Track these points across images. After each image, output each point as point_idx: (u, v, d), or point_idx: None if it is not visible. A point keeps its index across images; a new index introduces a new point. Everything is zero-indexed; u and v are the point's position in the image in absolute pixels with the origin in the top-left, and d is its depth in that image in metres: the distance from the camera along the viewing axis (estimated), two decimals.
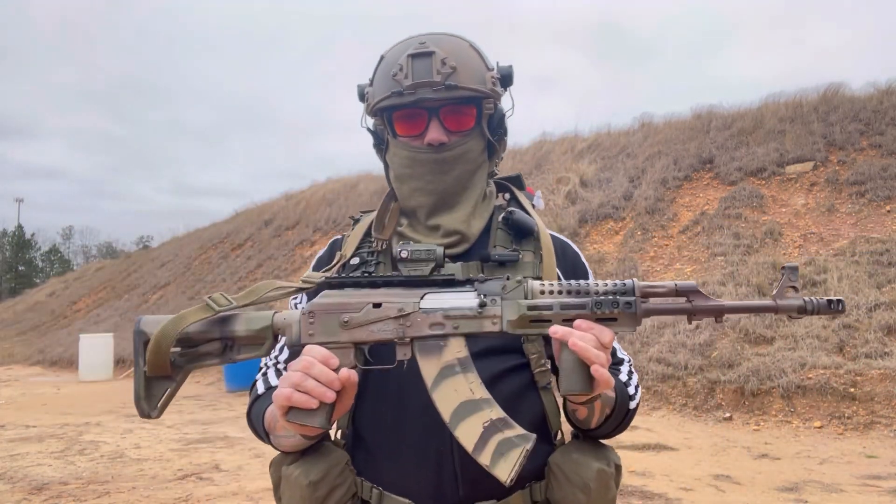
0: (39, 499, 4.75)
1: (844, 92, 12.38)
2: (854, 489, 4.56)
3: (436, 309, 0.90)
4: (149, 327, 0.97)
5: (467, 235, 1.11)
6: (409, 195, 1.12)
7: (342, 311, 0.92)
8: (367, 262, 1.11)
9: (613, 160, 13.93)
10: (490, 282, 0.91)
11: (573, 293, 0.89)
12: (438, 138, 1.06)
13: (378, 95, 1.08)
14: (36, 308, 28.90)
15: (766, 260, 9.12)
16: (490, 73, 1.09)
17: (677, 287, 0.89)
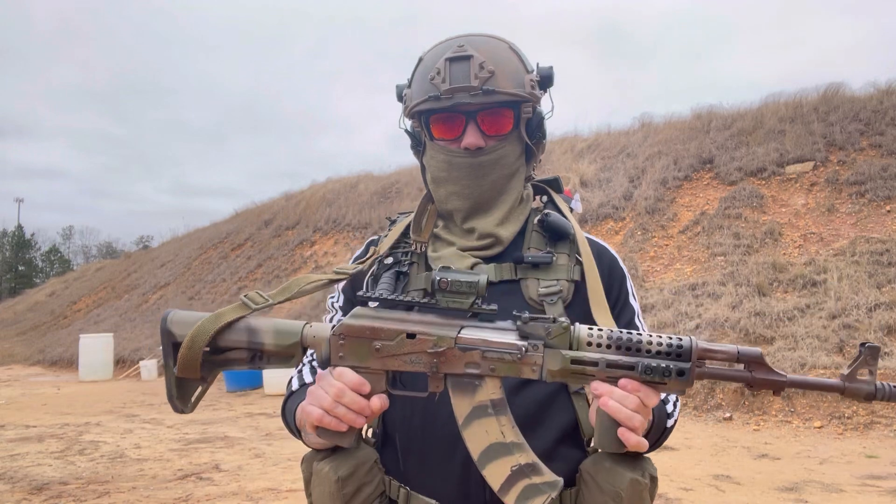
0: (39, 499, 4.75)
1: (844, 92, 12.38)
2: (854, 489, 4.56)
3: (473, 348, 0.86)
4: (177, 327, 0.94)
5: (501, 239, 1.10)
6: (446, 198, 1.12)
7: (374, 338, 0.89)
8: (401, 262, 1.11)
9: (613, 160, 13.93)
10: (534, 322, 0.86)
11: (623, 349, 0.83)
12: (475, 143, 1.06)
13: (416, 98, 1.07)
14: (36, 308, 28.91)
15: (766, 260, 9.12)
16: (529, 75, 1.08)
17: (739, 354, 0.83)
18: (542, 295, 1.06)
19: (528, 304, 1.06)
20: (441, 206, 1.14)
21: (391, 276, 1.09)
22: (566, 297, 1.07)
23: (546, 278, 1.08)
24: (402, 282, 1.09)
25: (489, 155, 1.07)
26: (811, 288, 8.25)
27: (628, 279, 1.20)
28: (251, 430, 7.31)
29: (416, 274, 1.10)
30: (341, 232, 17.18)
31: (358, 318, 0.91)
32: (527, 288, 1.07)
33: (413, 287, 1.09)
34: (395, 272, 1.09)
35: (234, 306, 0.96)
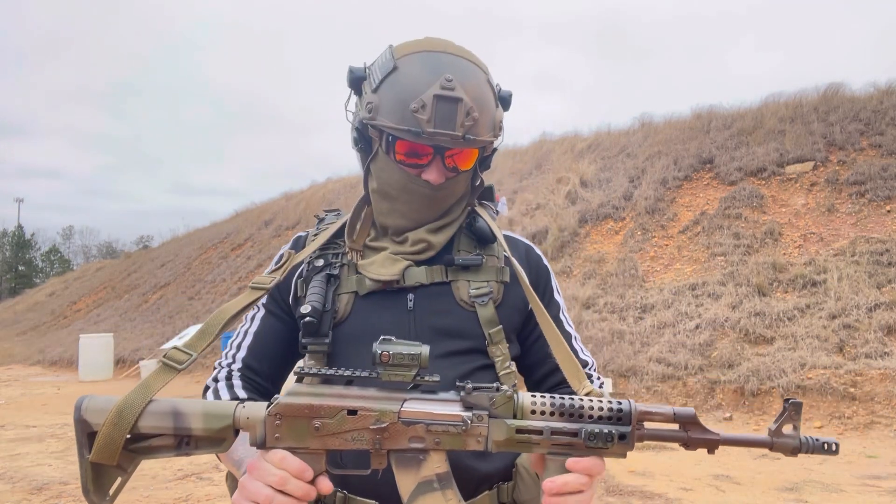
0: (39, 499, 4.75)
1: (844, 92, 12.39)
2: (854, 489, 4.56)
3: (417, 421, 0.83)
4: (92, 415, 0.84)
5: (433, 244, 1.10)
6: (388, 213, 1.11)
7: (313, 416, 0.84)
8: (332, 265, 1.10)
9: (613, 160, 13.93)
10: (478, 392, 0.84)
11: (566, 415, 0.84)
12: (437, 179, 1.05)
13: (389, 119, 1.01)
14: (36, 308, 28.91)
15: (766, 260, 9.12)
16: (498, 112, 1.09)
17: (675, 414, 0.85)
18: (473, 296, 1.07)
19: (459, 305, 1.07)
20: (380, 218, 1.13)
21: (322, 280, 1.07)
22: (496, 297, 1.09)
23: (476, 280, 1.09)
24: (333, 284, 1.08)
25: (446, 189, 1.07)
26: (811, 288, 8.25)
27: (552, 275, 1.23)
28: None
29: (347, 276, 1.09)
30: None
31: (296, 396, 0.85)
32: (458, 290, 1.08)
33: (343, 290, 1.08)
34: (326, 275, 1.08)
35: (158, 371, 0.90)
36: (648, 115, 15.06)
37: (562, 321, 1.20)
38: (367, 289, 1.07)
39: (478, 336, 1.07)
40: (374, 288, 1.07)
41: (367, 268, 1.09)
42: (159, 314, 19.04)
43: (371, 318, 1.06)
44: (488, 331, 1.07)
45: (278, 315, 1.14)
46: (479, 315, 1.07)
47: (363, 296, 1.07)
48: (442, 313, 1.07)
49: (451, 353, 1.04)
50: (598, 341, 8.72)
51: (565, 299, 9.73)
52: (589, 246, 11.63)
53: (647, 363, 7.94)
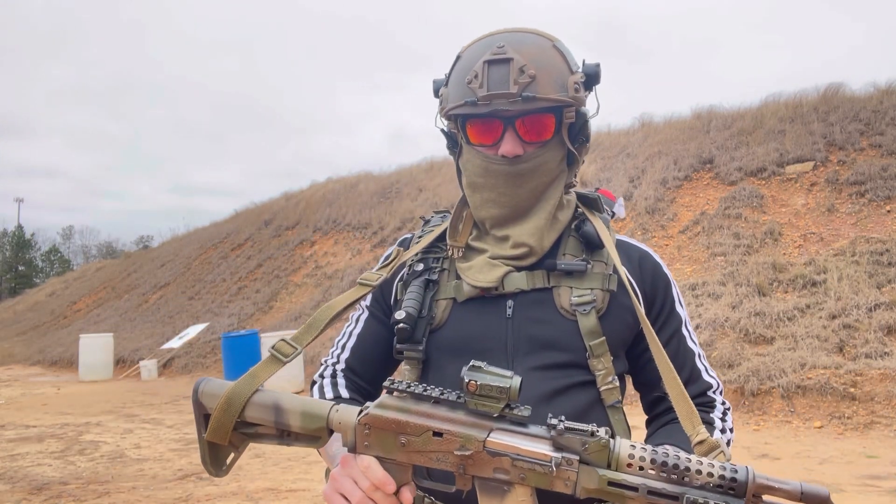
0: (39, 499, 4.75)
1: (844, 92, 12.39)
2: (854, 489, 4.57)
3: (503, 454, 0.80)
4: (206, 399, 0.92)
5: (536, 249, 1.05)
6: (481, 205, 1.07)
7: (400, 432, 0.84)
8: (432, 269, 1.08)
9: (613, 160, 13.93)
10: (570, 434, 0.78)
11: (668, 473, 0.74)
12: (513, 151, 1.00)
13: (452, 101, 1.03)
14: (36, 308, 28.91)
15: (766, 260, 9.12)
16: (574, 76, 1.02)
17: (803, 493, 0.72)
18: (575, 304, 1.02)
19: (560, 314, 1.02)
20: (475, 213, 1.09)
21: (420, 284, 1.06)
22: (600, 307, 1.03)
23: (580, 287, 1.03)
24: (431, 290, 1.06)
25: (528, 163, 1.02)
26: (811, 288, 8.25)
27: (674, 285, 1.14)
28: None
29: (446, 283, 1.07)
30: (341, 232, 17.18)
31: (384, 409, 0.85)
32: (559, 296, 1.03)
33: (442, 296, 1.06)
34: (425, 280, 1.07)
35: (266, 361, 0.94)
36: (648, 115, 15.07)
37: (684, 336, 1.12)
38: (466, 295, 1.04)
39: (578, 348, 1.01)
40: (473, 294, 1.04)
41: (465, 272, 1.05)
42: (159, 314, 19.04)
43: (468, 326, 1.03)
44: (589, 342, 1.01)
45: (380, 318, 1.15)
46: (581, 324, 1.01)
47: (461, 302, 1.05)
48: (541, 322, 1.02)
49: (548, 366, 0.99)
50: None
51: None
52: None
53: None
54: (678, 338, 1.11)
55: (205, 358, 13.91)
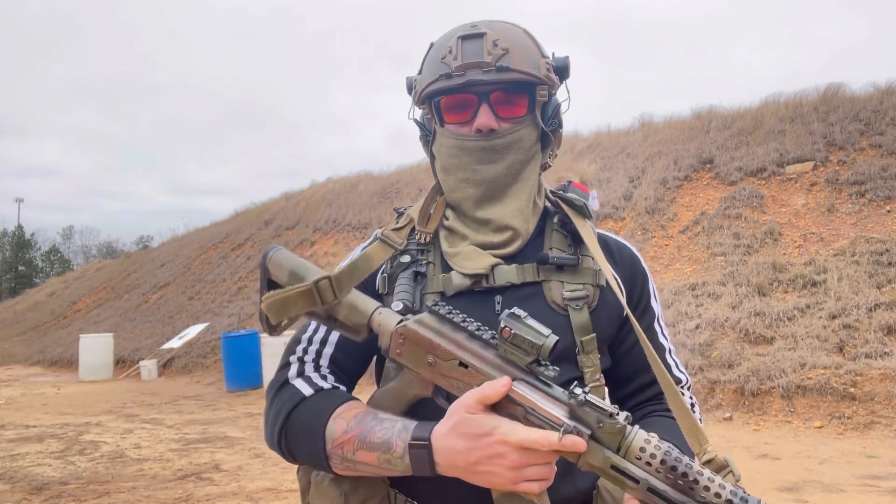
0: (39, 499, 4.75)
1: (844, 92, 12.39)
2: (854, 489, 4.56)
3: (519, 404, 0.81)
4: (275, 269, 0.97)
5: (520, 232, 1.03)
6: (456, 186, 1.05)
7: (430, 352, 0.87)
8: (418, 262, 1.04)
9: (613, 160, 13.93)
10: (589, 408, 0.77)
11: (675, 478, 0.72)
12: (488, 124, 1.00)
13: (426, 80, 1.03)
14: (36, 308, 28.90)
15: (766, 260, 9.12)
16: (545, 59, 1.04)
17: None
18: (568, 299, 1.00)
19: (551, 308, 1.00)
20: (451, 196, 1.07)
21: (409, 277, 1.02)
22: (592, 302, 1.01)
23: (571, 281, 1.02)
24: (420, 283, 1.02)
25: (503, 138, 1.01)
26: (811, 288, 8.25)
27: (650, 279, 1.14)
28: (251, 430, 7.31)
29: (433, 275, 1.03)
30: (341, 232, 17.17)
31: (422, 325, 0.88)
32: (550, 291, 1.01)
33: (430, 289, 1.01)
34: (413, 272, 1.02)
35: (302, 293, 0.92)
36: (648, 115, 15.07)
37: (657, 331, 1.12)
38: (455, 289, 1.00)
39: (569, 343, 0.99)
40: (462, 288, 1.00)
41: (452, 258, 1.02)
42: (159, 314, 19.04)
43: None
44: (580, 338, 0.99)
45: None
46: (572, 320, 1.00)
47: (450, 297, 1.01)
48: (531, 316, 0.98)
49: None
50: None
51: None
52: None
53: None
54: (652, 332, 1.11)
55: (205, 358, 13.90)
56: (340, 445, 0.89)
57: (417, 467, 0.84)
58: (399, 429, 0.87)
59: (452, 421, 0.82)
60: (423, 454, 0.83)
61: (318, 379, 1.00)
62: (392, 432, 0.86)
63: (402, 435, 0.85)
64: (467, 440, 0.80)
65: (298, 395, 0.97)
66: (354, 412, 0.92)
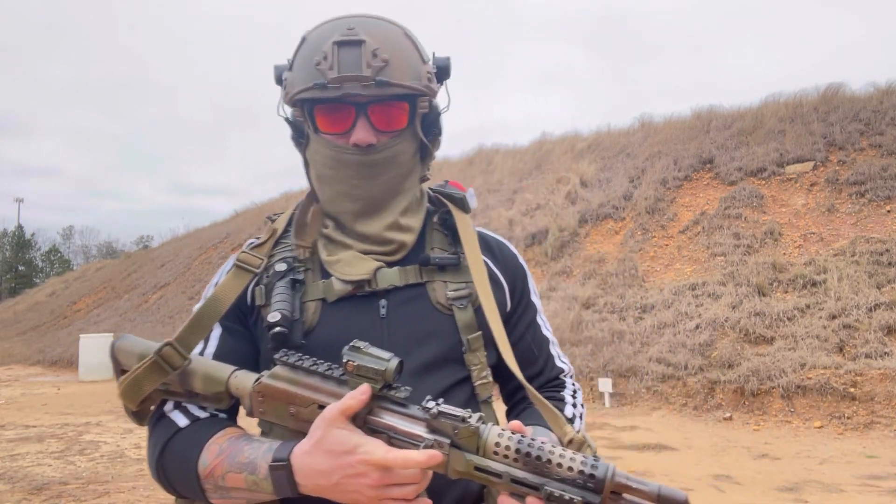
0: (39, 499, 4.75)
1: (844, 92, 12.38)
2: (854, 489, 4.56)
3: (381, 431, 0.82)
4: (124, 357, 0.97)
5: (405, 243, 1.02)
6: (333, 199, 1.01)
7: (289, 402, 0.86)
8: (295, 269, 0.99)
9: (613, 160, 13.93)
10: (443, 419, 0.80)
11: (531, 465, 0.76)
12: (366, 139, 0.95)
13: (298, 84, 0.96)
14: (36, 308, 28.91)
15: (766, 260, 9.12)
16: (426, 66, 0.99)
17: (660, 494, 0.74)
18: (451, 299, 0.99)
19: (436, 309, 0.99)
20: (328, 207, 1.03)
21: (287, 285, 0.97)
22: (475, 300, 1.00)
23: (454, 281, 1.01)
24: (299, 291, 0.97)
25: (381, 153, 0.97)
26: (811, 288, 8.25)
27: (529, 276, 1.15)
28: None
29: (313, 282, 0.99)
30: None
31: (276, 379, 0.87)
32: (434, 291, 1.00)
33: (310, 297, 0.98)
34: (291, 280, 0.97)
35: (151, 369, 0.90)
36: (648, 115, 15.08)
37: (539, 325, 1.14)
38: (337, 294, 0.97)
39: (454, 343, 0.99)
40: (344, 293, 0.97)
41: (333, 266, 0.99)
42: (159, 314, 19.04)
43: (341, 327, 0.96)
44: (466, 337, 0.99)
45: (236, 331, 1.01)
46: (458, 319, 0.99)
47: (332, 303, 0.98)
48: (417, 318, 0.98)
49: (426, 364, 0.96)
50: (598, 341, 8.72)
51: (565, 299, 9.67)
52: (589, 246, 11.63)
53: (647, 363, 7.94)
54: (534, 326, 1.12)
55: None
56: (212, 471, 0.87)
57: (279, 489, 0.82)
58: (265, 449, 0.85)
59: (316, 437, 0.81)
60: (282, 476, 0.82)
61: (195, 409, 0.96)
62: (258, 452, 0.85)
63: (266, 455, 0.84)
64: (330, 458, 0.79)
65: (173, 427, 0.94)
66: (229, 436, 0.90)
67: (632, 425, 6.87)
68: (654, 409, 7.48)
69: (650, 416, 7.28)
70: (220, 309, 0.96)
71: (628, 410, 7.61)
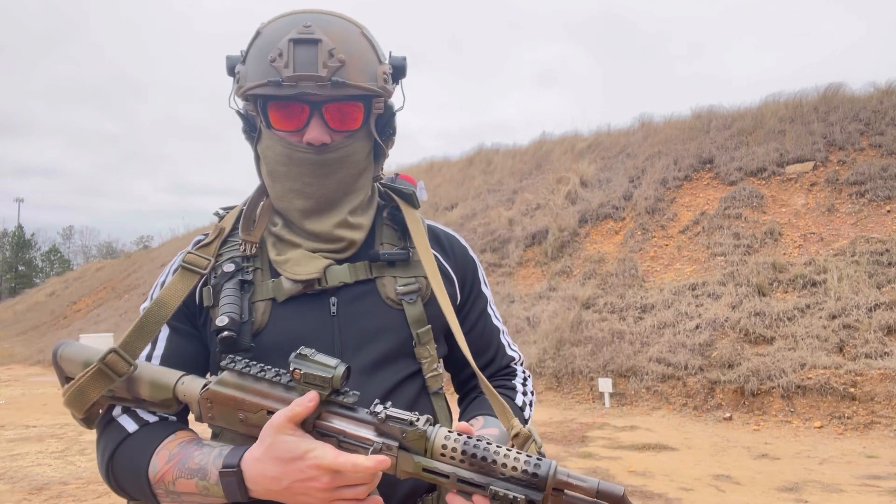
0: (39, 499, 4.75)
1: (844, 92, 12.38)
2: (854, 489, 4.56)
3: (331, 434, 0.83)
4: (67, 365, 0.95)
5: (355, 240, 1.02)
6: (283, 195, 1.00)
7: (238, 408, 0.87)
8: (244, 269, 0.99)
9: (613, 160, 13.93)
10: (391, 422, 0.81)
11: (476, 466, 0.79)
12: (320, 138, 0.95)
13: (252, 79, 0.95)
14: (36, 308, 28.91)
15: (766, 260, 9.12)
16: (382, 66, 0.99)
17: (599, 491, 0.77)
18: (401, 294, 1.01)
19: (386, 304, 1.00)
20: (279, 204, 1.02)
21: (235, 286, 0.97)
22: (425, 294, 1.03)
23: (404, 276, 1.03)
24: (247, 291, 0.98)
25: (335, 152, 0.97)
26: (811, 288, 8.25)
27: (479, 268, 1.17)
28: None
29: (262, 282, 0.99)
30: None
31: (224, 385, 0.87)
32: (384, 287, 1.01)
33: (259, 297, 0.98)
34: (239, 281, 0.97)
35: (95, 377, 0.89)
36: (648, 115, 15.08)
37: (489, 315, 1.16)
38: (286, 294, 0.97)
39: (405, 337, 1.01)
40: (294, 292, 0.98)
41: (282, 265, 0.99)
42: None
43: (291, 327, 0.97)
44: (416, 331, 1.01)
45: (185, 332, 1.01)
46: (407, 314, 1.01)
47: (282, 302, 0.98)
48: (367, 315, 1.00)
49: (378, 360, 0.98)
50: (598, 341, 8.72)
51: (565, 299, 9.66)
52: (589, 246, 11.63)
53: (647, 363, 7.94)
54: (485, 317, 1.15)
55: None
56: (162, 476, 0.88)
57: (230, 494, 0.83)
58: (215, 455, 0.86)
59: (265, 444, 0.82)
60: (232, 482, 0.83)
61: (144, 413, 0.96)
62: (208, 458, 0.86)
63: (216, 461, 0.85)
64: (280, 464, 0.80)
65: (122, 433, 0.94)
66: (179, 441, 0.91)
67: (632, 425, 6.87)
68: (654, 409, 7.48)
69: (650, 416, 7.28)
70: (165, 313, 0.95)
71: (628, 410, 7.61)
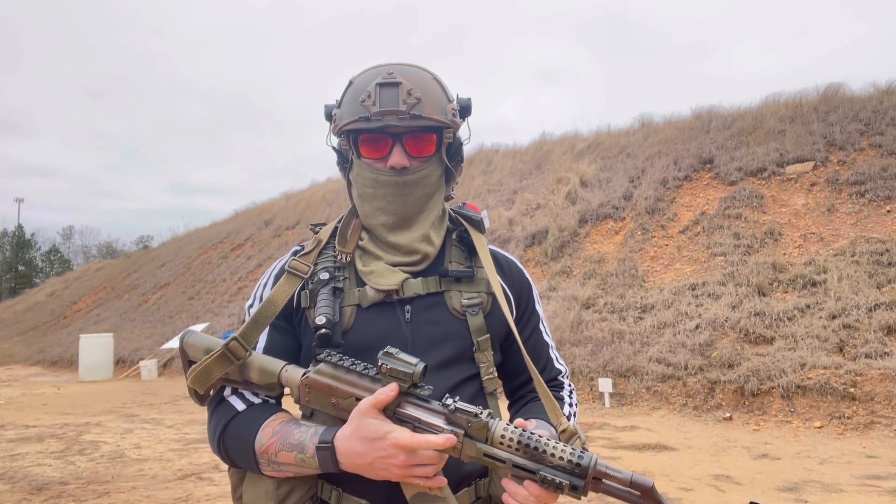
0: (39, 499, 4.75)
1: (844, 92, 12.39)
2: (854, 489, 4.56)
3: (408, 421, 0.99)
4: (191, 350, 1.15)
5: (427, 254, 1.20)
6: (371, 213, 1.20)
7: (331, 395, 1.05)
8: (336, 278, 1.18)
9: (613, 160, 13.93)
10: (459, 413, 0.97)
11: (528, 454, 0.94)
12: (401, 163, 1.14)
13: (346, 118, 1.15)
14: (36, 308, 28.91)
15: (766, 260, 9.12)
16: (451, 104, 1.19)
17: (632, 481, 0.91)
18: (465, 306, 1.18)
19: (452, 314, 1.17)
20: (366, 221, 1.22)
21: (329, 292, 1.15)
22: (486, 307, 1.19)
23: (468, 290, 1.20)
24: (338, 297, 1.16)
25: (413, 175, 1.16)
26: (811, 288, 8.25)
27: (534, 288, 1.34)
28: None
29: (350, 290, 1.17)
30: None
31: (320, 374, 1.05)
32: (450, 299, 1.18)
33: (347, 303, 1.16)
34: (332, 288, 1.16)
35: (219, 358, 1.09)
36: (648, 115, 15.09)
37: (541, 331, 1.32)
38: (370, 301, 1.15)
39: (467, 344, 1.17)
40: (376, 300, 1.15)
41: (368, 276, 1.17)
42: (159, 314, 19.04)
43: (372, 329, 1.14)
44: (476, 338, 1.17)
45: (283, 328, 1.19)
46: (470, 323, 1.17)
47: (365, 308, 1.16)
48: (436, 322, 1.16)
49: (443, 362, 1.15)
50: (598, 341, 8.72)
51: (565, 299, 9.64)
52: (589, 246, 11.63)
53: (647, 363, 7.94)
54: (537, 332, 1.32)
55: None
56: (266, 449, 1.06)
57: (324, 465, 1.02)
58: (311, 433, 1.04)
59: (353, 425, 0.99)
60: (327, 455, 1.01)
61: (249, 395, 1.16)
62: (306, 436, 1.04)
63: (313, 438, 1.03)
64: (365, 443, 0.98)
65: (232, 411, 1.14)
66: (280, 420, 1.09)
67: (632, 425, 6.87)
68: (654, 409, 7.48)
69: (650, 416, 7.28)
70: (274, 309, 1.13)
71: (628, 410, 7.61)
